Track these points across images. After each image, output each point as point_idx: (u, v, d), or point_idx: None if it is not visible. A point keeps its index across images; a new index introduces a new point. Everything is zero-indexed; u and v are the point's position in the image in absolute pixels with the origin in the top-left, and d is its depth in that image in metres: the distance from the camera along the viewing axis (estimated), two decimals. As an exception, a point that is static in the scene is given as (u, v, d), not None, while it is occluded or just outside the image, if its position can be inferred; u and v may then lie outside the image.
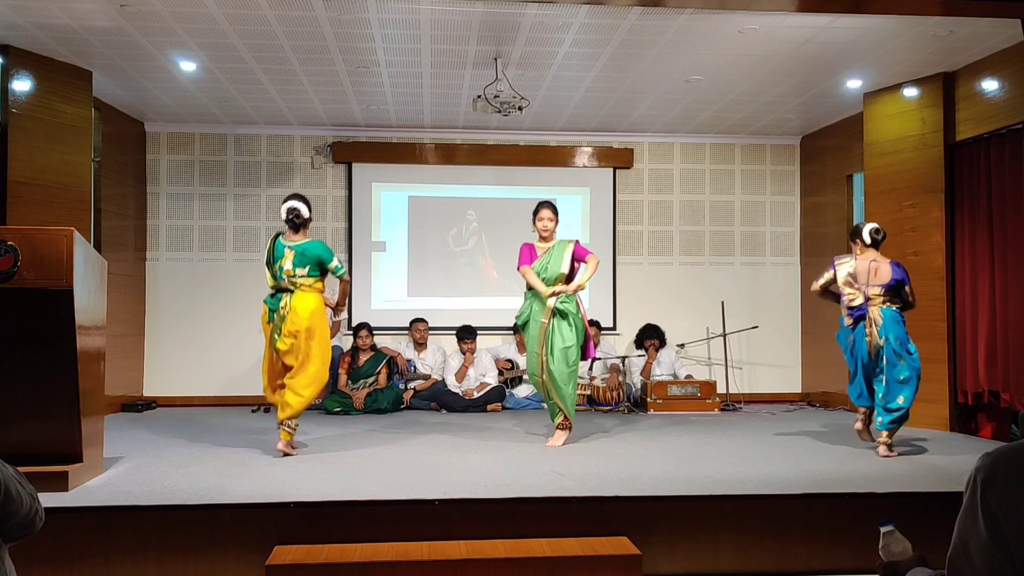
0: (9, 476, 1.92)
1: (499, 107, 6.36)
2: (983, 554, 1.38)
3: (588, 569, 3.57)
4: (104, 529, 3.73)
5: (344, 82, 6.86)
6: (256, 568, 3.63)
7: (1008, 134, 6.01)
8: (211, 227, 8.38)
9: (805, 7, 4.90)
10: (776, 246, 8.84)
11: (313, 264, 5.13)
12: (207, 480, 4.36)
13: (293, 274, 5.10)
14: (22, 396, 4.14)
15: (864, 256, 5.48)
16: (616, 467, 4.77)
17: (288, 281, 5.11)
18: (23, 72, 6.08)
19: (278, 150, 8.47)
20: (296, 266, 5.10)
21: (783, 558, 3.95)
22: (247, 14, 5.37)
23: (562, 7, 5.25)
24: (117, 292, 6.78)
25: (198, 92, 7.17)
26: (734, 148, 8.84)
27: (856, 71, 6.51)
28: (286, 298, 5.09)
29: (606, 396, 7.76)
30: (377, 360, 7.74)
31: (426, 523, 3.86)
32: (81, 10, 5.33)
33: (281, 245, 5.16)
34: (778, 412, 7.71)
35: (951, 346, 6.44)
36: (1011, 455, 1.42)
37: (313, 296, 5.14)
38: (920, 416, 6.52)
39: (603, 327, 8.35)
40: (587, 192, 8.77)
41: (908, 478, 4.51)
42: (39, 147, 6.18)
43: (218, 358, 8.27)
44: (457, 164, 8.62)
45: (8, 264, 3.91)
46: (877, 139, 6.95)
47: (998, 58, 5.98)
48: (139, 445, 5.56)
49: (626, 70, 6.54)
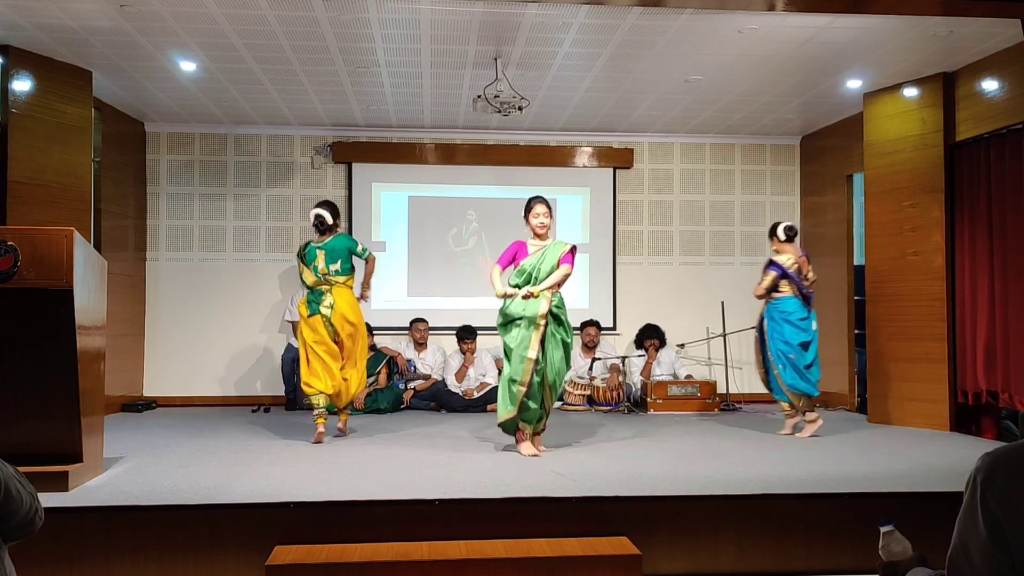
0: (9, 476, 1.92)
1: (499, 107, 6.36)
2: (983, 554, 1.38)
3: (588, 569, 3.56)
4: (104, 529, 3.73)
5: (344, 82, 6.86)
6: (256, 568, 3.63)
7: (1008, 134, 6.01)
8: (211, 227, 8.38)
9: (805, 7, 4.90)
10: (776, 246, 8.84)
11: (345, 256, 5.84)
12: (207, 480, 4.37)
13: (328, 271, 5.79)
14: (22, 396, 4.14)
15: (790, 253, 6.19)
16: (616, 467, 4.77)
17: (324, 278, 5.78)
18: (23, 72, 6.08)
19: (278, 150, 8.47)
20: (329, 262, 5.79)
21: (783, 558, 3.95)
22: (247, 14, 5.37)
23: (562, 7, 5.25)
24: (117, 292, 6.78)
25: (198, 92, 7.17)
26: (734, 148, 8.84)
27: (856, 71, 6.51)
28: (328, 296, 5.76)
29: (606, 396, 7.76)
30: (377, 360, 7.74)
31: (426, 523, 3.86)
32: (81, 10, 5.33)
33: (312, 248, 5.86)
34: (778, 412, 7.70)
35: (951, 346, 6.44)
36: (1011, 455, 1.42)
37: (348, 291, 5.85)
38: (920, 416, 6.55)
39: (603, 327, 8.35)
40: (587, 192, 8.78)
41: (908, 478, 4.51)
42: (39, 147, 6.18)
43: (218, 358, 8.27)
44: (457, 164, 8.62)
45: (8, 264, 3.91)
46: (877, 139, 6.95)
47: (998, 58, 5.98)
48: (139, 445, 5.56)
49: (626, 70, 6.54)
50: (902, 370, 6.68)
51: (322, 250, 5.81)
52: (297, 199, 8.47)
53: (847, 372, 7.89)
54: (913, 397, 6.60)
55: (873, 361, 6.94)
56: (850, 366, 7.87)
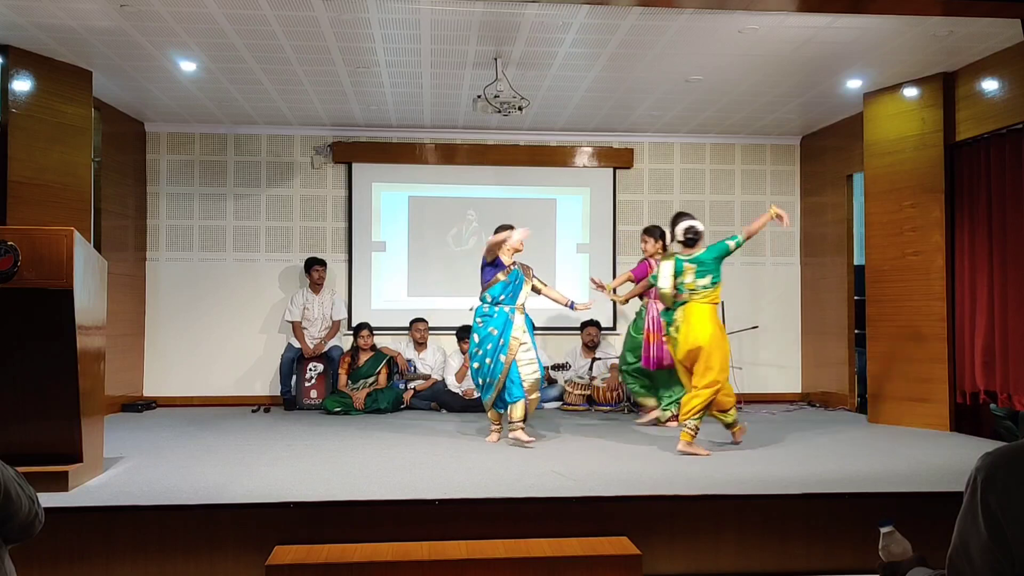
0: (9, 478, 1.91)
1: (499, 107, 6.36)
2: (983, 554, 1.39)
3: (588, 569, 3.57)
4: (104, 529, 3.73)
5: (344, 82, 6.86)
6: (256, 568, 3.63)
7: (1008, 134, 6.01)
8: (211, 227, 8.38)
9: (805, 7, 4.89)
10: (776, 246, 8.84)
11: (715, 271, 5.43)
12: (207, 480, 4.37)
13: (695, 287, 5.41)
14: (22, 396, 4.14)
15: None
16: (616, 467, 4.77)
17: (689, 294, 5.43)
18: (23, 72, 6.08)
19: (278, 150, 8.47)
20: (698, 277, 5.41)
21: (783, 558, 3.95)
22: (247, 14, 5.37)
23: (562, 7, 5.25)
24: (117, 292, 6.78)
25: (198, 92, 7.17)
26: (734, 148, 8.84)
27: (856, 71, 6.51)
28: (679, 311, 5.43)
29: (606, 396, 7.75)
30: (377, 360, 7.74)
31: (426, 523, 3.86)
32: (81, 10, 5.33)
33: (679, 261, 5.50)
34: (778, 412, 7.71)
35: (951, 346, 6.44)
36: (1011, 455, 1.42)
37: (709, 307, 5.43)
38: (920, 416, 6.54)
39: (603, 327, 8.35)
40: (587, 192, 8.77)
41: (908, 478, 4.52)
42: (39, 147, 6.18)
43: (218, 358, 8.27)
44: (457, 164, 8.61)
45: (8, 264, 3.91)
46: (877, 139, 6.95)
47: (998, 58, 5.98)
48: (139, 445, 5.56)
49: (626, 70, 6.54)
50: (902, 370, 6.68)
51: (691, 263, 5.45)
52: (297, 199, 8.47)
53: (847, 372, 7.89)
54: (913, 397, 6.60)
55: (873, 361, 6.93)
56: (850, 366, 7.86)
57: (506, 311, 5.73)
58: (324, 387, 7.89)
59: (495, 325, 5.70)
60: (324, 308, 8.07)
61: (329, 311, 8.09)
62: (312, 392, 7.91)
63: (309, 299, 8.05)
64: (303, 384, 7.94)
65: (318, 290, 8.07)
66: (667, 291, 5.51)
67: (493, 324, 5.71)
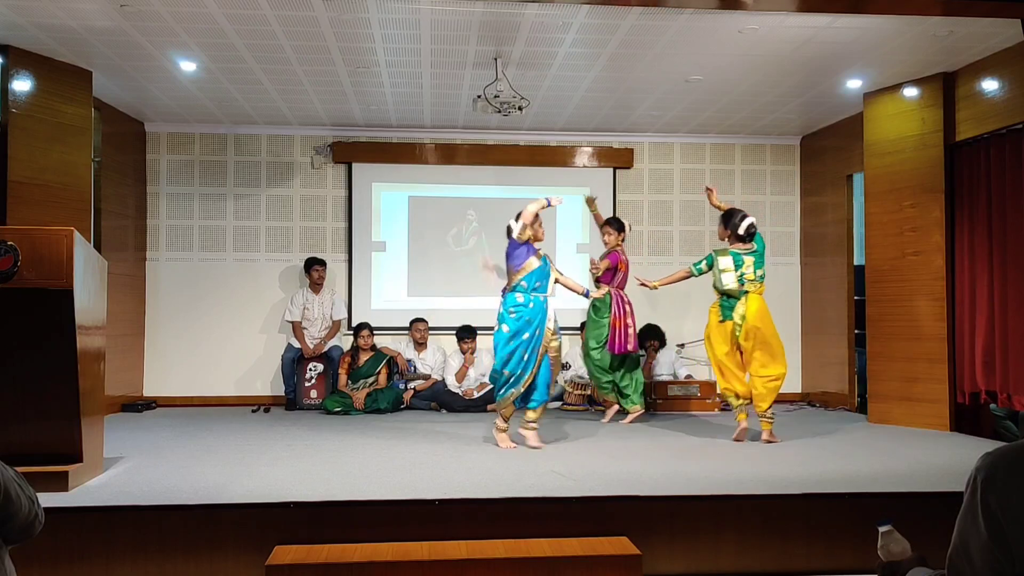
0: (9, 479, 1.91)
1: (499, 107, 6.36)
2: (983, 554, 1.39)
3: (588, 569, 3.57)
4: (104, 529, 3.73)
5: (344, 82, 6.86)
6: (256, 568, 3.63)
7: (1008, 134, 6.01)
8: (211, 227, 8.38)
9: (805, 7, 4.90)
10: (776, 246, 8.83)
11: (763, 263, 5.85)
12: (207, 480, 4.37)
13: (754, 277, 5.79)
14: (22, 396, 4.14)
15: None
16: (616, 467, 4.77)
17: (748, 284, 5.79)
18: (23, 72, 6.08)
19: (278, 150, 8.47)
20: (756, 267, 5.80)
21: (783, 558, 3.95)
22: (247, 14, 5.37)
23: (562, 7, 5.25)
24: (117, 292, 6.78)
25: (198, 92, 7.17)
26: (734, 148, 8.84)
27: (856, 71, 6.51)
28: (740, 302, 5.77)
29: (606, 396, 7.75)
30: (377, 360, 7.74)
31: (426, 523, 3.86)
32: (81, 10, 5.33)
33: (737, 254, 5.83)
34: (778, 412, 7.69)
35: (951, 346, 6.44)
36: (1011, 455, 1.42)
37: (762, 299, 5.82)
38: (920, 416, 6.54)
39: (603, 327, 8.34)
40: (587, 192, 8.75)
41: (908, 478, 4.52)
42: (39, 147, 6.18)
43: (218, 358, 8.27)
44: (457, 164, 8.61)
45: (8, 264, 3.91)
46: (877, 139, 6.95)
47: (998, 58, 5.98)
48: (139, 445, 5.56)
49: (626, 70, 6.54)
50: (902, 370, 6.67)
51: (749, 256, 5.81)
52: (297, 199, 8.47)
53: (847, 372, 7.88)
54: (913, 397, 6.60)
55: (873, 361, 6.93)
56: (850, 366, 7.86)
57: (541, 300, 5.42)
58: (324, 387, 7.89)
59: (532, 315, 5.34)
60: (324, 308, 8.07)
61: (329, 311, 8.09)
62: (312, 392, 7.91)
63: (309, 299, 8.05)
64: (303, 384, 7.94)
65: (318, 290, 8.08)
66: (734, 286, 5.81)
67: (530, 314, 5.34)
